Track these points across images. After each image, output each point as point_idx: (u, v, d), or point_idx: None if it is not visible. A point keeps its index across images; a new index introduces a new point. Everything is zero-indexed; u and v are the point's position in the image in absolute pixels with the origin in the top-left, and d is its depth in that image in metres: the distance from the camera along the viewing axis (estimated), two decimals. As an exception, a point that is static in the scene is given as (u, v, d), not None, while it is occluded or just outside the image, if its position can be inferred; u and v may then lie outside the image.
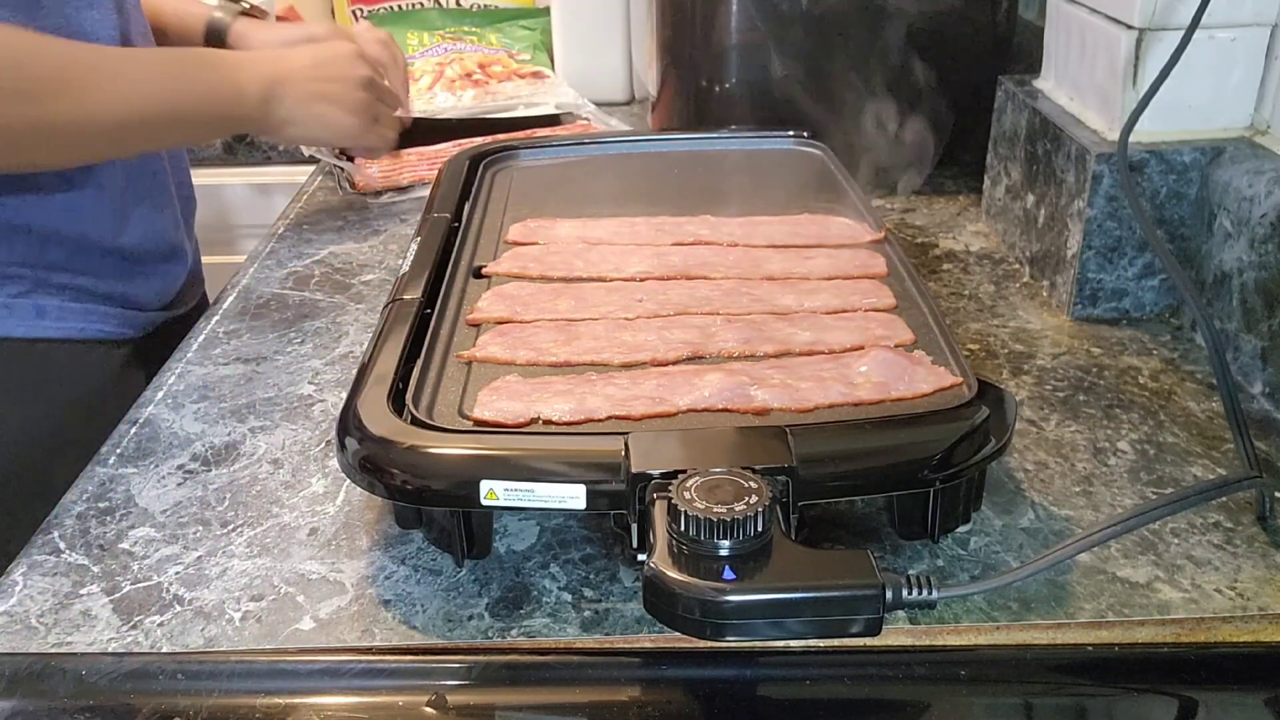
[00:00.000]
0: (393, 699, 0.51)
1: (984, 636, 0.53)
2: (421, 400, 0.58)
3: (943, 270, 0.91)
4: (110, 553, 0.60)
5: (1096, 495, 0.62)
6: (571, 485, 0.51)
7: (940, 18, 1.03)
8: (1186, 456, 0.65)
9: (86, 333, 0.90)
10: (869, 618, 0.45)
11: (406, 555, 0.59)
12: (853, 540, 0.59)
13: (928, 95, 1.07)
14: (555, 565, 0.58)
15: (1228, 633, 0.53)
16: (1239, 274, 0.72)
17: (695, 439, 0.52)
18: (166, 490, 0.65)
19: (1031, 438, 0.68)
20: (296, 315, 0.86)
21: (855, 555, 0.46)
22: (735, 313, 0.67)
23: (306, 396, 0.75)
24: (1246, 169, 0.73)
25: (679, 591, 0.44)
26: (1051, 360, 0.77)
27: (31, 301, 0.86)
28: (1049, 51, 0.91)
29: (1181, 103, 0.77)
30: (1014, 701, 0.52)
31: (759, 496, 0.46)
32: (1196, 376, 0.74)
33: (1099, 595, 0.55)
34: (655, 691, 0.51)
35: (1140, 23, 0.75)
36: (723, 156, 0.96)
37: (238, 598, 0.56)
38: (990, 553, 0.58)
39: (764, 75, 1.04)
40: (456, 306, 0.69)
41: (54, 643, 0.53)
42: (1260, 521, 0.60)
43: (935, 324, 0.65)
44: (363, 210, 1.09)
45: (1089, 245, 0.80)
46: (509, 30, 1.51)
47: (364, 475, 0.54)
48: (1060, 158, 0.83)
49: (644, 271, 0.73)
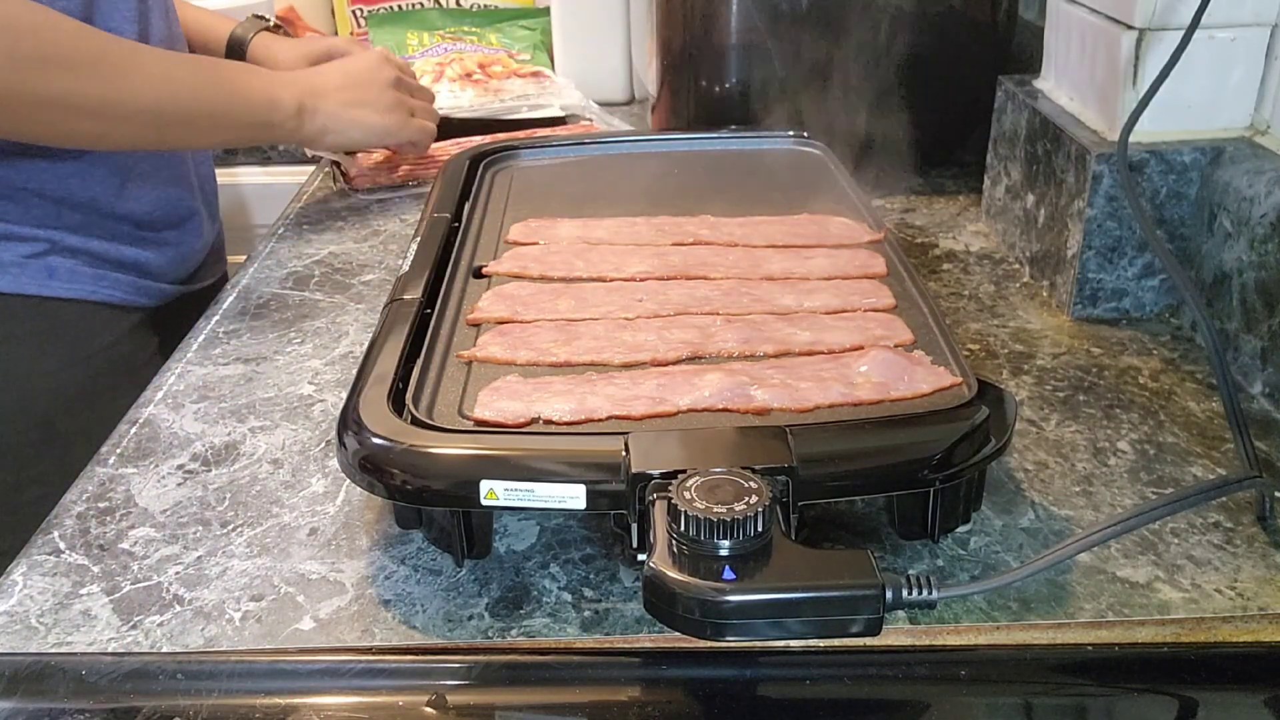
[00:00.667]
0: (393, 699, 0.51)
1: (984, 636, 0.53)
2: (421, 400, 0.58)
3: (943, 270, 0.91)
4: (110, 553, 0.60)
5: (1096, 495, 0.62)
6: (571, 485, 0.51)
7: (940, 18, 1.03)
8: (1186, 456, 0.65)
9: (97, 295, 0.92)
10: (869, 618, 0.45)
11: (406, 555, 0.59)
12: (853, 540, 0.59)
13: (928, 95, 1.07)
14: (555, 565, 0.58)
15: (1228, 633, 0.53)
16: (1239, 274, 0.72)
17: (695, 439, 0.52)
18: (166, 490, 0.65)
19: (1031, 438, 0.68)
20: (296, 315, 0.86)
21: (855, 555, 0.46)
22: (735, 313, 0.67)
23: (306, 396, 0.75)
24: (1246, 169, 0.73)
25: (679, 591, 0.44)
26: (1051, 360, 0.77)
27: (44, 262, 0.89)
28: (1049, 51, 0.91)
29: (1181, 103, 0.77)
30: (1014, 701, 0.52)
31: (759, 496, 0.46)
32: (1196, 376, 0.74)
33: (1099, 595, 0.55)
34: (655, 691, 0.51)
35: (1140, 23, 0.75)
36: (723, 156, 0.96)
37: (238, 598, 0.56)
38: (990, 553, 0.58)
39: (764, 75, 1.04)
40: (456, 306, 0.69)
41: (54, 643, 0.53)
42: (1260, 521, 0.60)
43: (935, 324, 0.65)
44: (363, 210, 1.09)
45: (1089, 245, 0.80)
46: (509, 30, 1.51)
47: (364, 475, 0.54)
48: (1060, 158, 0.83)
49: (644, 271, 0.73)
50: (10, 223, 0.87)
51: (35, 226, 0.88)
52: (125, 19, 0.90)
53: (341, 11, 1.63)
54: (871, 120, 1.08)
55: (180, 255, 1.01)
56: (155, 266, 0.97)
